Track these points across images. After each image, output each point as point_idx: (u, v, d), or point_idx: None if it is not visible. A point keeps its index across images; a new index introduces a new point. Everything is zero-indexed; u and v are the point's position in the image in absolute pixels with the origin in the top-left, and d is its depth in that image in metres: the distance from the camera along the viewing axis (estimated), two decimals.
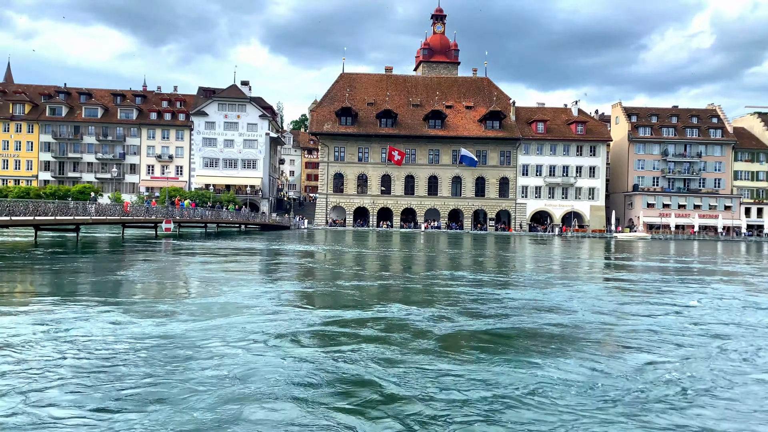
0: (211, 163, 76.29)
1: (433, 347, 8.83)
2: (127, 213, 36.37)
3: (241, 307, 11.93)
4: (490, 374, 7.39)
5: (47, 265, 20.14)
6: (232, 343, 8.72)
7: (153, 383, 6.68)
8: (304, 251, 31.74)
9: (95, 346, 8.27)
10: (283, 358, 7.88)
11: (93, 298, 12.75)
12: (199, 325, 9.94)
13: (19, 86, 80.00)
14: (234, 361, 7.66)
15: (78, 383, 6.60)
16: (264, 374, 7.10)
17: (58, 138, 74.75)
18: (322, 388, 6.63)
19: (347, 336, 9.49)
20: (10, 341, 8.45)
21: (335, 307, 12.36)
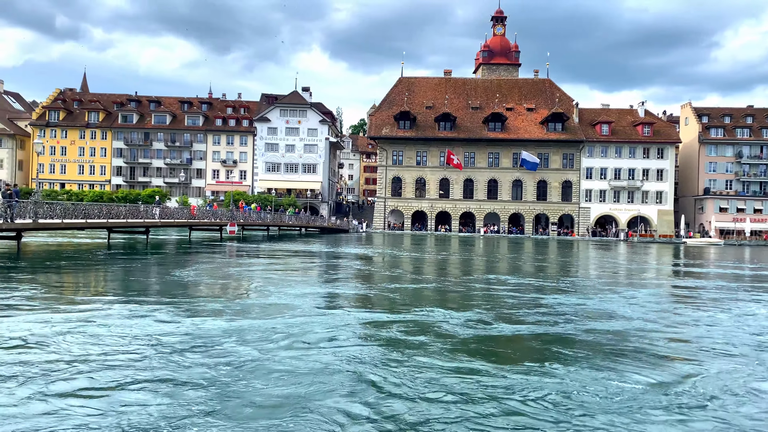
0: (273, 167, 78.02)
1: (482, 353, 8.69)
2: (194, 216, 37.67)
3: (295, 307, 12.11)
4: (551, 383, 7.20)
5: (117, 265, 21.10)
6: (284, 342, 8.85)
7: (208, 380, 6.86)
8: (361, 254, 31.95)
9: (152, 341, 8.58)
10: (328, 359, 7.93)
11: (155, 296, 13.25)
12: (255, 323, 10.15)
13: (94, 95, 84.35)
14: (282, 361, 7.77)
15: (136, 377, 6.86)
16: (318, 375, 7.17)
17: (129, 144, 78.29)
18: (370, 389, 6.63)
19: (396, 340, 9.46)
20: (74, 335, 8.88)
21: (387, 310, 12.36)
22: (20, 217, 23.63)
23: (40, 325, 9.69)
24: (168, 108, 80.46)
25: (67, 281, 16.99)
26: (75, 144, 78.23)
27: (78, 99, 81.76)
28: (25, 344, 8.38)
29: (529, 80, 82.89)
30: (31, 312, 10.90)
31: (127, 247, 30.59)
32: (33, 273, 18.39)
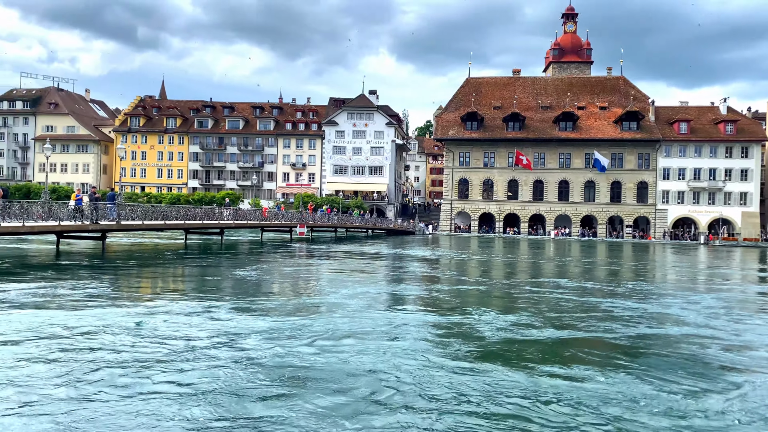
0: (340, 170, 79.09)
1: (545, 358, 8.42)
2: (265, 218, 38.69)
3: (359, 307, 12.17)
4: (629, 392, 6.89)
5: (193, 264, 21.95)
6: (349, 341, 8.89)
7: (274, 374, 6.98)
8: (426, 257, 31.83)
9: (224, 336, 8.83)
10: (394, 360, 7.89)
11: (227, 294, 13.67)
12: (321, 321, 10.27)
13: (171, 102, 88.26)
14: (347, 360, 7.80)
15: (204, 371, 7.06)
16: (380, 375, 7.16)
17: (204, 149, 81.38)
18: (431, 391, 6.55)
19: (458, 343, 9.32)
20: (151, 328, 9.26)
21: (451, 312, 12.21)
22: (104, 219, 25.00)
23: (121, 317, 10.19)
24: (241, 113, 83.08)
25: (146, 279, 17.81)
26: (154, 149, 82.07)
27: (157, 106, 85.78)
28: (108, 334, 8.82)
29: (601, 78, 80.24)
30: (113, 305, 11.49)
31: (202, 247, 31.78)
32: (116, 271, 19.41)
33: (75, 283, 15.11)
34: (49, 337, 8.72)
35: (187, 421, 5.59)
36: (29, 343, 8.33)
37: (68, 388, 6.44)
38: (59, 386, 6.48)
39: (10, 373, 6.91)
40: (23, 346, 8.19)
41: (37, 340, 8.56)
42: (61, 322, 9.82)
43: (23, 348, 8.08)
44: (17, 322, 9.73)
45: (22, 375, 6.84)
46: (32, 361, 7.44)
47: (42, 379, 6.69)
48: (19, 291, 13.30)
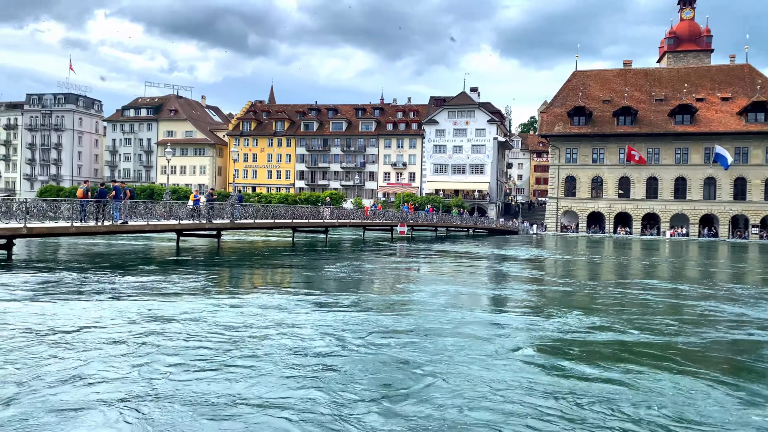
0: (440, 169, 78.83)
1: (653, 364, 7.80)
2: (367, 217, 39.32)
3: (458, 307, 11.96)
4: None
5: (300, 261, 22.69)
6: (449, 340, 8.74)
7: (367, 371, 6.97)
8: (528, 257, 30.92)
9: (326, 330, 8.98)
10: (494, 362, 7.65)
11: (332, 289, 13.95)
12: (418, 319, 10.19)
13: (279, 106, 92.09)
14: (444, 360, 7.65)
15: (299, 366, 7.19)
16: (478, 375, 6.96)
17: (310, 150, 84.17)
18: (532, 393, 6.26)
19: (562, 348, 8.88)
20: (259, 319, 9.60)
21: (554, 316, 11.69)
22: (219, 218, 26.47)
23: (233, 309, 10.69)
24: (344, 115, 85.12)
25: (257, 273, 18.63)
26: (264, 151, 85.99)
27: (266, 110, 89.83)
28: (220, 322, 9.28)
29: (723, 67, 74.21)
30: (228, 297, 12.10)
31: (308, 245, 32.84)
32: (230, 266, 20.48)
33: (193, 277, 16.11)
34: (168, 323, 9.31)
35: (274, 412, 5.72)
36: (154, 328, 8.93)
37: (185, 369, 6.82)
38: (179, 364, 6.88)
39: (133, 356, 7.44)
40: (148, 331, 8.80)
41: (160, 325, 9.17)
42: (178, 310, 10.47)
43: (150, 333, 8.68)
44: (144, 309, 10.49)
45: (146, 357, 7.33)
46: (157, 346, 7.96)
47: (162, 357, 7.14)
48: (143, 283, 14.36)
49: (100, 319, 9.98)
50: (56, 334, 8.67)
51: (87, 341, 8.35)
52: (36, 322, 9.48)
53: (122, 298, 12.28)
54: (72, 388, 6.30)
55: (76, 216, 19.84)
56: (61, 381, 6.50)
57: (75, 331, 8.97)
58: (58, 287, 13.42)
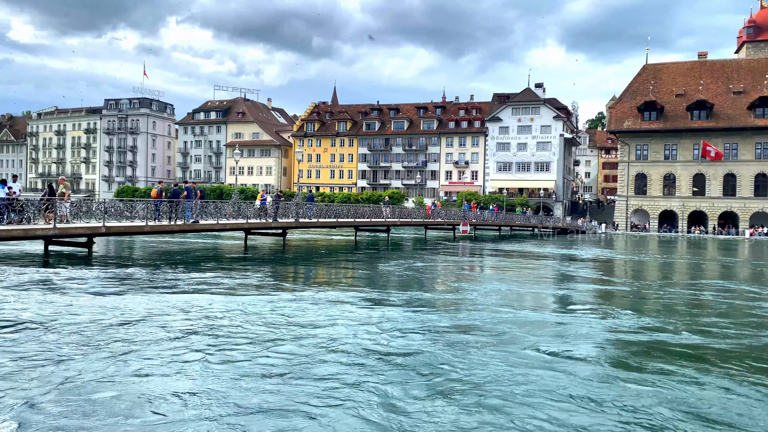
0: (504, 167, 77.64)
1: (727, 370, 7.34)
2: (429, 216, 39.19)
3: (523, 308, 11.71)
4: None
5: (363, 259, 22.87)
6: (521, 343, 8.57)
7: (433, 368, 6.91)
8: (597, 258, 29.97)
9: (387, 327, 8.98)
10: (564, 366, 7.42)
11: (393, 288, 13.97)
12: (485, 318, 10.04)
13: (342, 106, 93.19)
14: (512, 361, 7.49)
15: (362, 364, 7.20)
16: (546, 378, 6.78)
17: (372, 150, 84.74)
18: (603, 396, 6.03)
19: (632, 353, 8.52)
20: (323, 315, 9.73)
21: (625, 321, 11.25)
22: (285, 217, 27.06)
23: (298, 304, 10.90)
24: (405, 114, 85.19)
25: (322, 271, 18.92)
26: (327, 151, 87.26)
27: (329, 111, 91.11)
28: (283, 316, 9.47)
29: None
30: (294, 293, 12.36)
31: (370, 243, 33.07)
32: (296, 263, 20.89)
33: (260, 274, 16.54)
34: (235, 316, 9.59)
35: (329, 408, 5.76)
36: (223, 321, 9.23)
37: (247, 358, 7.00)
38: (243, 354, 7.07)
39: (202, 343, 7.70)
40: (217, 323, 9.10)
41: (229, 318, 9.46)
42: (246, 305, 10.79)
43: (218, 325, 8.97)
44: (213, 303, 10.86)
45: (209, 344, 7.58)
46: (225, 337, 8.22)
47: (228, 347, 7.36)
48: (214, 279, 14.86)
49: (173, 311, 10.44)
50: (130, 325, 9.11)
51: (161, 332, 8.72)
52: (114, 313, 9.98)
53: (194, 292, 12.77)
54: (144, 377, 6.59)
55: (150, 215, 20.76)
56: (133, 370, 6.81)
57: (149, 322, 9.39)
58: (134, 282, 14.08)
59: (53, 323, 9.27)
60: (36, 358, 7.33)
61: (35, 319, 9.52)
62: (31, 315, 9.86)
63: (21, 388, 6.16)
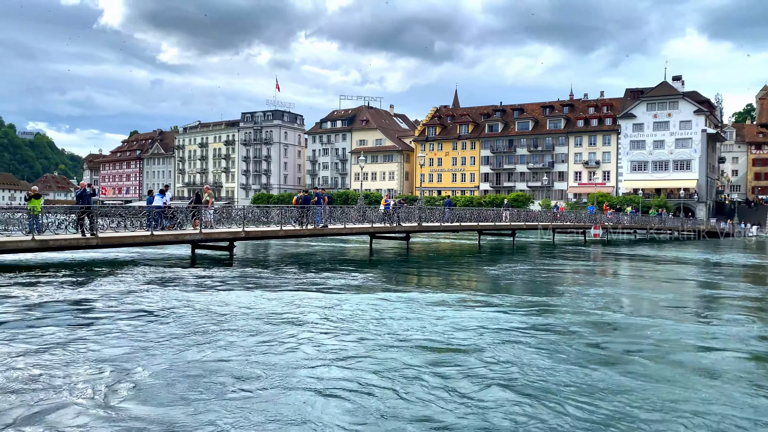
0: (638, 166, 72.98)
1: None
2: (557, 219, 37.77)
3: (664, 317, 10.82)
4: None
5: (486, 263, 22.51)
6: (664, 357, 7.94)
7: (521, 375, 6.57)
8: (748, 264, 27.16)
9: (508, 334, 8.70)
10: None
11: (517, 293, 13.56)
12: (615, 331, 9.41)
13: (463, 109, 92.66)
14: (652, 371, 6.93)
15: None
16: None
17: (495, 152, 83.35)
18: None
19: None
20: (436, 317, 9.64)
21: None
22: (407, 221, 27.38)
23: (422, 305, 10.95)
24: (530, 114, 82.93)
25: (445, 273, 18.87)
26: (449, 155, 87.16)
27: (450, 114, 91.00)
28: (403, 317, 9.54)
29: None
30: (417, 293, 12.44)
31: (494, 248, 32.50)
32: (419, 267, 21.04)
33: (385, 275, 16.85)
34: (361, 316, 9.83)
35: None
36: (352, 319, 9.51)
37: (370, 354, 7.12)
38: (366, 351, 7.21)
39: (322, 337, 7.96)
40: (349, 321, 9.39)
41: (356, 317, 9.73)
42: (371, 304, 11.03)
43: (349, 323, 9.25)
44: (343, 302, 11.23)
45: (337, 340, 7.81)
46: (355, 334, 8.45)
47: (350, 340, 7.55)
48: (343, 279, 15.35)
49: (308, 307, 11.26)
50: (273, 318, 9.66)
51: (300, 326, 9.18)
52: (256, 309, 10.65)
53: (326, 291, 13.39)
54: (280, 367, 6.94)
55: (284, 220, 21.94)
56: (269, 362, 7.19)
57: (290, 316, 9.96)
58: (273, 281, 14.95)
59: (207, 315, 10.15)
60: (196, 342, 8.12)
61: (191, 311, 10.49)
62: (188, 308, 10.86)
63: (181, 367, 6.74)
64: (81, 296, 12.43)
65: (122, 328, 9.44)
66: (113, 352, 7.97)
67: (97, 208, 18.64)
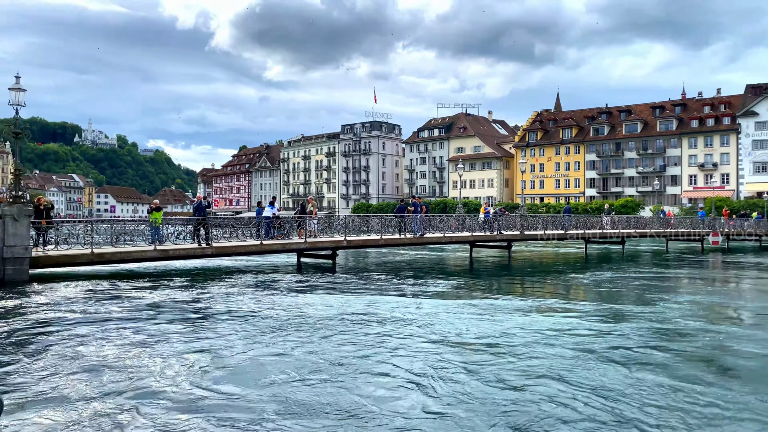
0: (762, 167, 67.14)
1: None
2: (670, 225, 35.51)
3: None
4: None
5: (592, 273, 21.52)
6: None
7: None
8: None
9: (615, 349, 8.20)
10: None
11: (628, 304, 12.80)
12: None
13: (566, 113, 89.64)
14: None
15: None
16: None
17: (600, 156, 79.85)
18: None
19: None
20: (539, 330, 9.27)
21: None
22: (509, 230, 26.82)
23: (526, 316, 10.64)
24: (638, 116, 78.77)
25: (550, 284, 18.26)
26: (551, 160, 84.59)
27: (552, 118, 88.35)
28: (510, 330, 9.31)
29: None
30: (521, 302, 12.12)
31: (602, 257, 31.05)
32: (522, 276, 20.52)
33: (488, 284, 16.58)
34: (464, 325, 9.71)
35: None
36: (455, 326, 9.45)
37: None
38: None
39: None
40: (449, 327, 9.34)
41: (460, 324, 9.64)
42: (473, 313, 10.86)
43: (450, 329, 9.20)
44: (440, 310, 11.18)
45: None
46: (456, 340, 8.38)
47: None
48: (445, 287, 15.28)
49: (409, 313, 11.52)
50: (379, 322, 9.82)
51: (404, 331, 9.25)
52: (365, 313, 10.87)
53: (427, 297, 13.35)
54: (386, 366, 7.01)
55: (384, 229, 22.24)
56: (378, 360, 7.29)
57: (393, 320, 10.09)
58: (375, 288, 15.17)
59: (314, 317, 10.51)
60: (306, 340, 8.56)
61: (301, 313, 10.90)
62: (296, 309, 11.36)
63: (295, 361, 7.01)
64: (196, 298, 13.47)
65: (237, 325, 10.38)
66: (220, 343, 9.02)
67: (212, 220, 19.81)
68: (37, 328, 9.99)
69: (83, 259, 16.26)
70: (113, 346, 8.75)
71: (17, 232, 15.15)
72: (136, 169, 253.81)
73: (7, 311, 11.49)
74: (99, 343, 9.00)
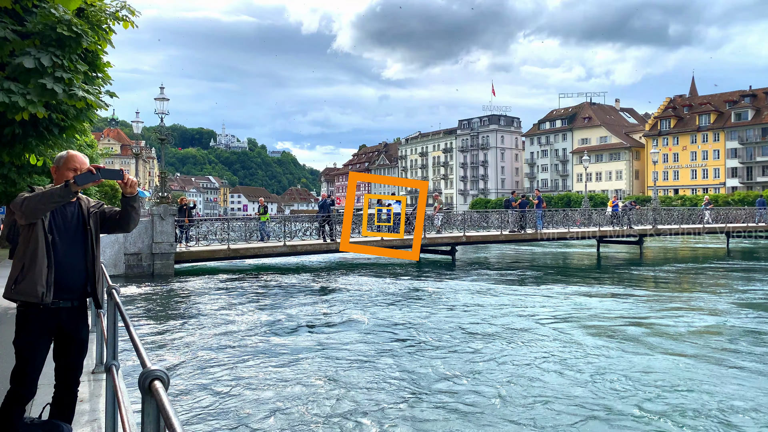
0: None
1: None
2: None
3: None
4: None
5: (733, 270, 19.74)
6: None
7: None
8: None
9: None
10: None
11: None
12: None
13: (703, 98, 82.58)
14: None
15: None
16: None
17: (744, 143, 72.82)
18: None
19: None
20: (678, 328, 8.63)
21: None
22: (640, 224, 25.31)
23: (668, 317, 10.01)
24: None
25: (685, 281, 17.01)
26: (686, 149, 78.46)
27: (687, 104, 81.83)
28: (620, 326, 8.80)
29: None
30: (656, 300, 11.43)
31: (747, 252, 28.41)
32: (655, 272, 19.29)
33: (620, 281, 15.78)
34: (592, 321, 9.33)
35: None
36: (585, 324, 9.12)
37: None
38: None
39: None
40: (579, 325, 9.03)
41: (590, 321, 9.29)
42: (599, 309, 10.41)
43: (579, 327, 8.89)
44: (570, 307, 10.83)
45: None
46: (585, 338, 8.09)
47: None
48: (569, 285, 14.76)
49: (535, 310, 11.24)
50: (509, 317, 9.73)
51: (533, 327, 9.14)
52: (488, 308, 10.83)
53: (553, 295, 13.00)
54: (520, 362, 6.94)
55: (504, 225, 21.88)
56: (507, 358, 7.23)
57: (521, 316, 10.00)
58: (497, 284, 15.01)
59: (440, 314, 10.62)
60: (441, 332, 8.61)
61: (432, 305, 11.08)
62: (426, 301, 11.48)
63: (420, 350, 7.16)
64: (325, 286, 14.15)
65: (363, 316, 10.74)
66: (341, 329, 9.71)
67: (335, 217, 20.58)
68: (194, 313, 11.15)
69: (221, 254, 17.59)
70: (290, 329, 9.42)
71: (164, 230, 16.70)
72: (265, 169, 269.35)
73: (167, 299, 12.83)
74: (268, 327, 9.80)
